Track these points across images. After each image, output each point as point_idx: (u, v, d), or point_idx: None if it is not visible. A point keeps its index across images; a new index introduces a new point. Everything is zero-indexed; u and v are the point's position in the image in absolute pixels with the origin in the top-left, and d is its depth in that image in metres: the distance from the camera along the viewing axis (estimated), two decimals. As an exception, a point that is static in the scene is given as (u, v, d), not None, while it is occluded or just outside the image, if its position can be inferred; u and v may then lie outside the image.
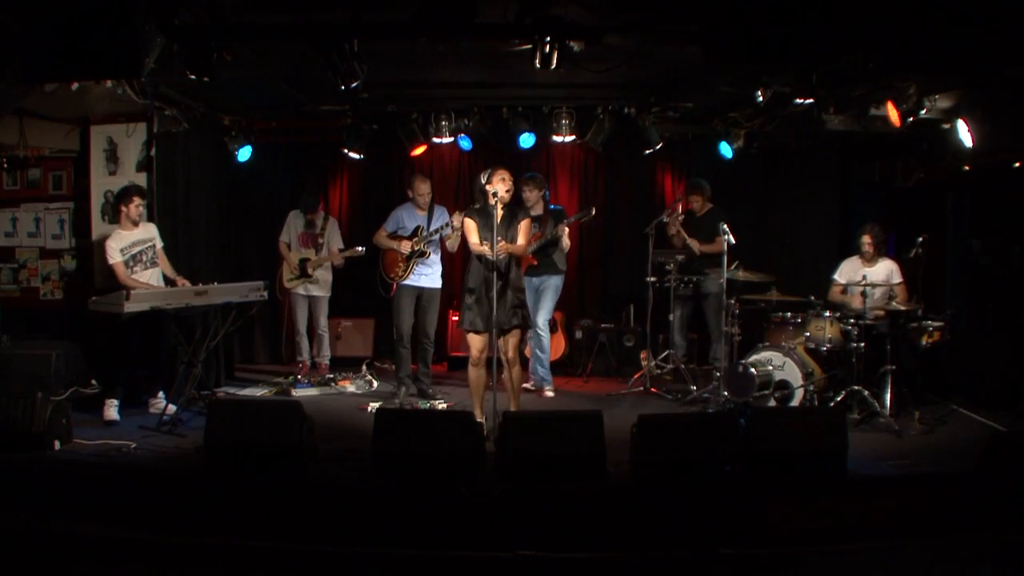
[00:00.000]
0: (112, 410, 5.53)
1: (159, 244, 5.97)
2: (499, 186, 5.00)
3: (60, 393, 5.36)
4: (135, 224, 5.80)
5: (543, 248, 6.43)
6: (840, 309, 5.96)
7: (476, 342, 5.12)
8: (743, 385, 5.54)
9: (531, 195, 6.37)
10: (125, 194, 5.80)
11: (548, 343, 6.59)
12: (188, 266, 6.35)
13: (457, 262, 7.36)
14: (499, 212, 4.99)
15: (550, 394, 6.51)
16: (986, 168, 6.72)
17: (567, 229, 6.45)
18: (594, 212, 6.63)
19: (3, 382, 5.68)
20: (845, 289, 6.10)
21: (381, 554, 3.71)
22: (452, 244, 6.25)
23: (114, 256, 5.70)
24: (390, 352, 6.94)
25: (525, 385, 6.27)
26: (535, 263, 6.43)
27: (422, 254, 6.39)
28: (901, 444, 4.97)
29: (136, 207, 5.75)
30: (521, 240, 5.16)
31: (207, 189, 7.47)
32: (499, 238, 4.93)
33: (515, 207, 5.25)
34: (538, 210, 6.38)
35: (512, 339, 5.10)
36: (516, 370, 5.18)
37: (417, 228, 6.43)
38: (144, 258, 5.83)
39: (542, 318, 6.47)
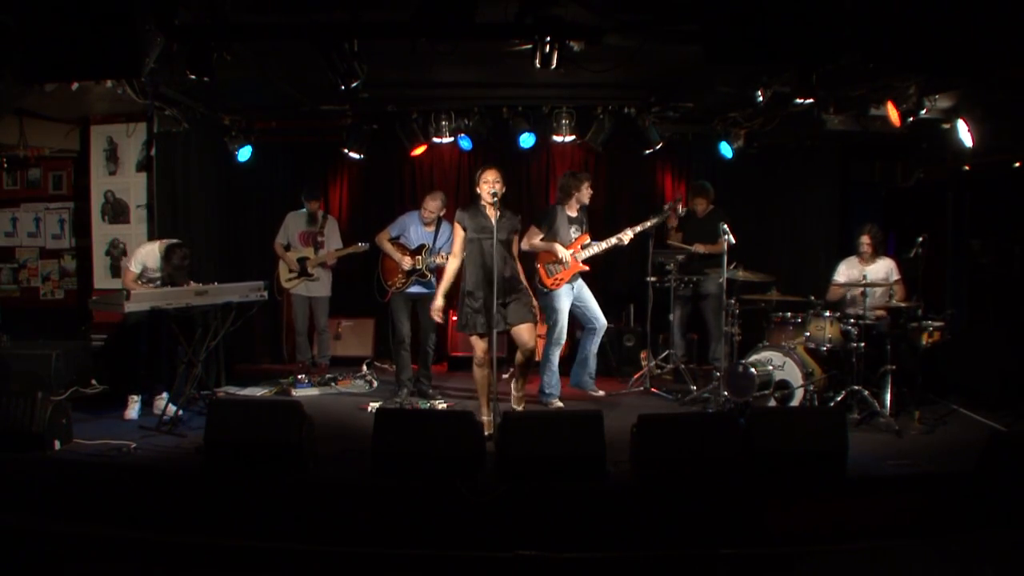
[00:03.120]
0: (133, 408, 5.57)
1: None
2: (496, 187, 4.97)
3: (60, 393, 5.38)
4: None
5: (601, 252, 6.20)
6: (840, 309, 5.96)
7: (481, 343, 5.12)
8: (743, 385, 5.54)
9: (586, 193, 6.16)
10: (170, 254, 5.70)
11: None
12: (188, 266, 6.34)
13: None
14: (494, 213, 4.98)
15: (559, 404, 6.20)
16: (986, 168, 6.72)
17: (631, 234, 6.23)
18: (667, 212, 6.69)
19: (3, 382, 5.69)
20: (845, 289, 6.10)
21: (381, 554, 3.72)
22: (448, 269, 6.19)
23: (135, 267, 5.76)
24: (390, 353, 6.93)
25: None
26: (587, 269, 6.18)
27: (422, 275, 6.25)
28: (901, 444, 4.96)
29: (175, 269, 5.72)
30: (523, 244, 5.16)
31: (207, 189, 7.49)
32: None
33: (504, 208, 5.12)
34: (575, 211, 6.21)
35: (528, 331, 5.07)
36: (532, 359, 5.21)
37: (422, 246, 6.28)
38: (152, 287, 5.84)
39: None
